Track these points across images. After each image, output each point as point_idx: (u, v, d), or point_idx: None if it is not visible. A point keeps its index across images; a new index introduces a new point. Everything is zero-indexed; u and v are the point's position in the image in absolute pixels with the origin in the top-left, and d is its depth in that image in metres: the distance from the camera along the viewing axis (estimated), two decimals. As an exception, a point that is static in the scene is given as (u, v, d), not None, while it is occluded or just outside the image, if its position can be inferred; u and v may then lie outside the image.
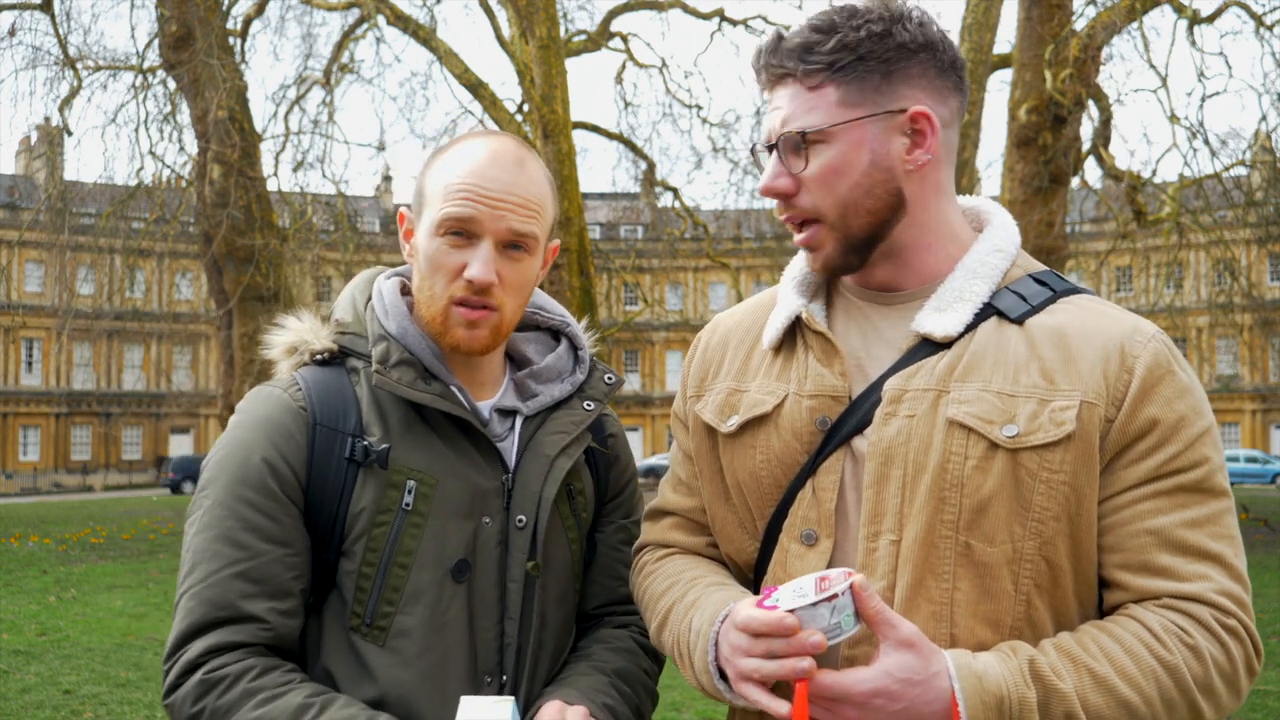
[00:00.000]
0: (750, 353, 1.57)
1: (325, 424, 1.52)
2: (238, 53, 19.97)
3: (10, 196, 43.89)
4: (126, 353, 51.81)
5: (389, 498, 1.50)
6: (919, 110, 1.42)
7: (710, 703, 6.30)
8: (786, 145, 1.43)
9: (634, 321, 43.60)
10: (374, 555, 1.50)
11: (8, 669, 7.48)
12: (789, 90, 1.43)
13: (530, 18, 19.21)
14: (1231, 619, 1.30)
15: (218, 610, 1.44)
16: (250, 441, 1.52)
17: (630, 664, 1.63)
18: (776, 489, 1.47)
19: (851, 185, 1.41)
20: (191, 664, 1.43)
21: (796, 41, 1.43)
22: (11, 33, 19.37)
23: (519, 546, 1.56)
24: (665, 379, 58.01)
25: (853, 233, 1.43)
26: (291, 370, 1.60)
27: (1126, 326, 1.38)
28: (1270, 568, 12.34)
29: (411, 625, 1.49)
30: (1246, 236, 23.19)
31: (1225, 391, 47.73)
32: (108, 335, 34.58)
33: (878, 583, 1.35)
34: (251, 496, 1.48)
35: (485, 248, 1.50)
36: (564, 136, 20.70)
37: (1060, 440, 1.31)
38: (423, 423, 1.54)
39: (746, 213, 36.61)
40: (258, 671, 1.42)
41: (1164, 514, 1.32)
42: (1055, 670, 1.25)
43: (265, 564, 1.46)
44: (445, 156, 1.57)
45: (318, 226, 22.72)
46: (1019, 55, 14.92)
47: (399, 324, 1.58)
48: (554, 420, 1.63)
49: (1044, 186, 14.49)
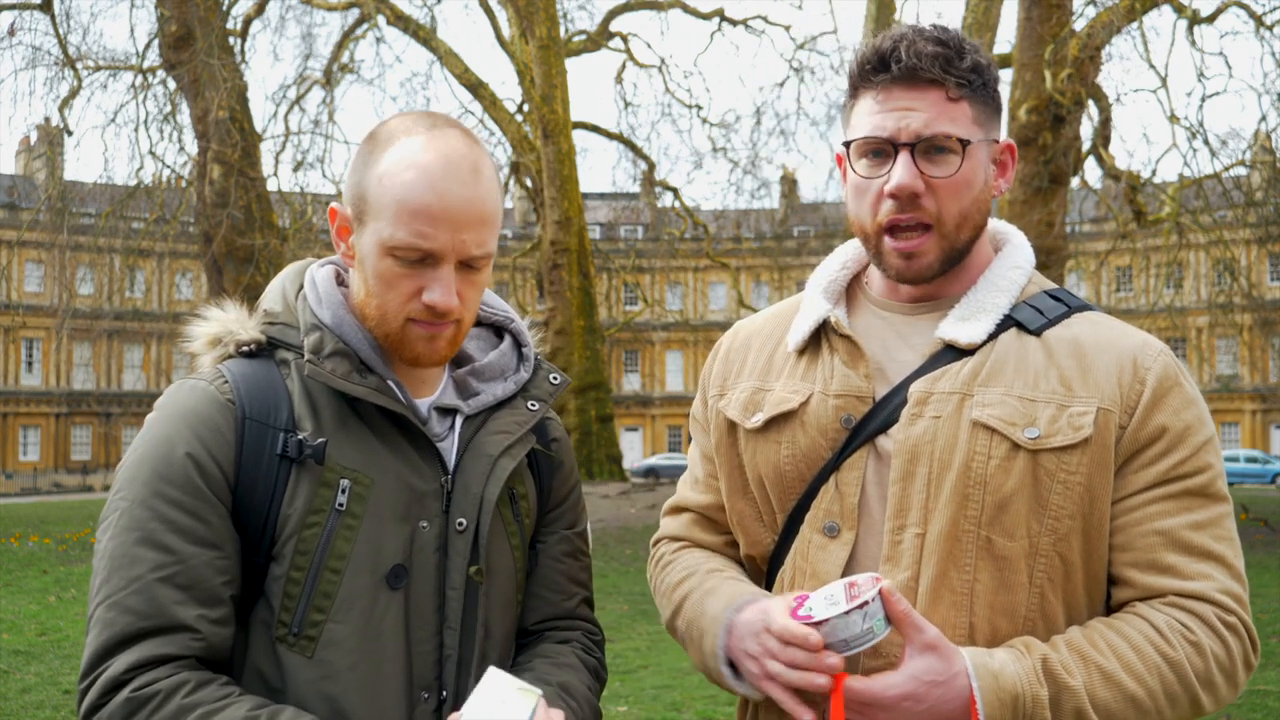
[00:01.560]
0: (773, 355, 1.64)
1: (255, 418, 1.41)
2: (238, 53, 20.00)
3: (10, 196, 43.93)
4: (126, 353, 51.82)
5: (321, 497, 1.40)
6: (1009, 144, 1.56)
7: (710, 703, 6.30)
8: (925, 148, 1.46)
9: (634, 321, 43.63)
10: (304, 559, 1.39)
11: (8, 669, 7.48)
12: (931, 96, 1.46)
13: (530, 18, 19.23)
14: (1232, 616, 1.39)
15: (142, 620, 1.31)
16: (171, 436, 1.39)
17: (574, 679, 1.54)
18: (799, 483, 1.55)
19: (973, 199, 1.50)
20: (116, 680, 1.29)
21: (934, 50, 1.45)
22: (11, 33, 19.40)
23: (459, 551, 1.47)
24: (665, 379, 58.03)
25: (958, 244, 1.51)
26: (215, 363, 1.49)
27: (1138, 341, 1.48)
28: (1270, 568, 12.34)
29: (343, 635, 1.39)
30: (1246, 236, 23.21)
31: (1225, 391, 47.75)
32: (108, 335, 34.63)
33: (902, 573, 1.44)
34: (175, 495, 1.36)
35: (446, 272, 1.41)
36: (564, 136, 20.70)
37: (1078, 444, 1.41)
38: (357, 419, 1.45)
39: (746, 213, 36.67)
40: (192, 686, 1.30)
41: (1171, 516, 1.41)
42: (1066, 667, 1.33)
43: (193, 568, 1.34)
44: (390, 158, 1.42)
45: (318, 226, 22.73)
46: (1019, 55, 14.93)
47: (334, 314, 1.48)
48: (496, 420, 1.55)
49: (1044, 186, 14.51)
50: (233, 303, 1.53)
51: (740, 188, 40.41)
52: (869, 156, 1.49)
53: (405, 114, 1.49)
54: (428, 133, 1.43)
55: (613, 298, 33.78)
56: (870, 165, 1.49)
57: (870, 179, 1.49)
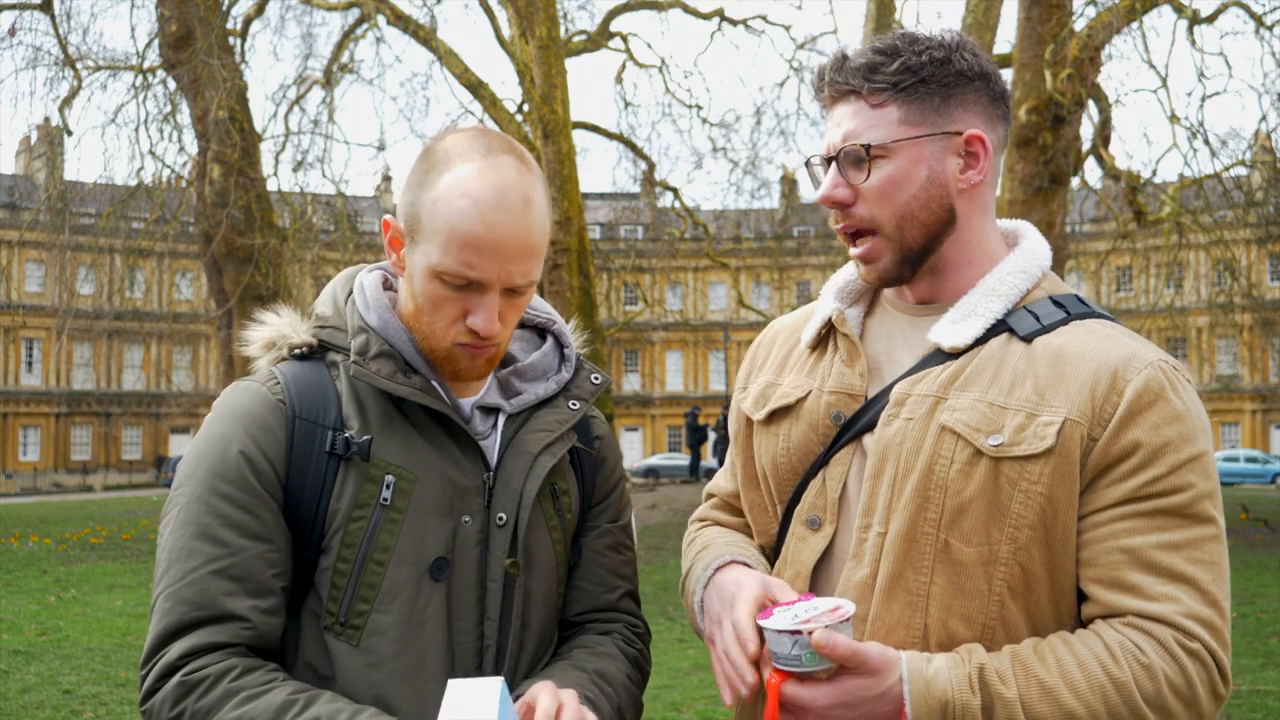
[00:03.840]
0: (790, 351, 1.71)
1: (304, 417, 1.49)
2: (238, 53, 19.98)
3: (10, 196, 43.90)
4: (126, 353, 51.81)
5: (366, 492, 1.46)
6: (974, 134, 1.53)
7: (710, 703, 6.30)
8: (847, 158, 1.52)
9: (634, 321, 43.58)
10: (350, 551, 1.46)
11: (8, 669, 7.48)
12: (852, 107, 1.52)
13: (530, 18, 19.21)
14: (1195, 642, 1.34)
15: (196, 610, 1.39)
16: (226, 435, 1.47)
17: (612, 667, 1.58)
18: (794, 476, 1.60)
19: (909, 198, 1.51)
20: (171, 666, 1.38)
21: (861, 62, 1.51)
22: (12, 33, 19.39)
23: (499, 545, 1.52)
24: (665, 379, 58.04)
25: (908, 244, 1.52)
26: (270, 365, 1.56)
27: (1126, 352, 1.43)
28: (1270, 568, 12.32)
29: (387, 624, 1.45)
30: (1246, 236, 23.21)
31: (1225, 391, 47.75)
32: (108, 335, 34.55)
33: (862, 570, 1.47)
34: (229, 491, 1.43)
35: (491, 299, 1.46)
36: (564, 136, 20.69)
37: (1040, 454, 1.39)
38: (402, 417, 1.51)
39: (746, 213, 36.67)
40: (239, 671, 1.37)
41: (1140, 534, 1.38)
42: (1003, 677, 1.32)
43: (245, 560, 1.42)
44: (445, 185, 1.45)
45: (318, 226, 22.75)
46: (1019, 55, 14.92)
47: (380, 316, 1.54)
48: (537, 418, 1.60)
49: (1044, 186, 14.49)
50: (288, 308, 1.61)
51: (740, 188, 40.43)
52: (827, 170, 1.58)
53: (461, 132, 1.51)
54: (483, 159, 1.46)
55: (613, 298, 33.73)
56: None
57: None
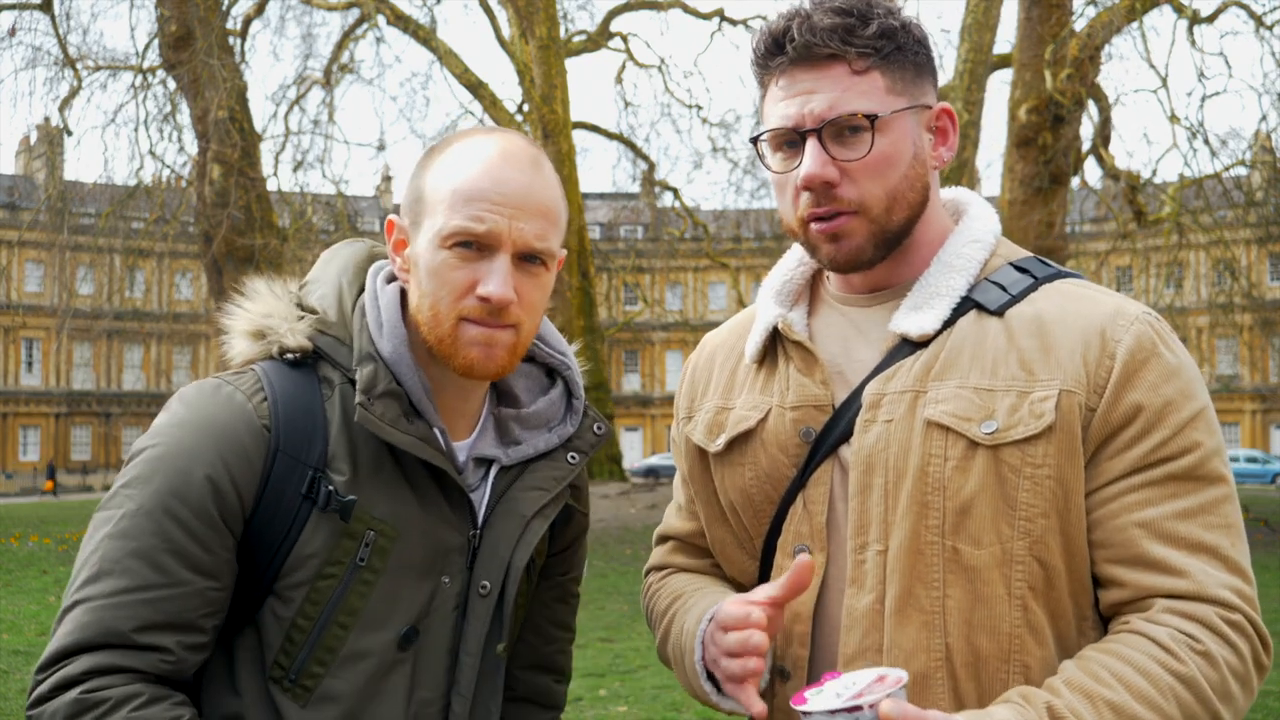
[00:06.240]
0: (735, 369, 1.52)
1: (288, 451, 1.32)
2: (238, 53, 19.99)
3: (10, 196, 43.90)
4: (126, 353, 51.79)
5: (343, 548, 1.32)
6: (945, 107, 1.40)
7: (710, 703, 6.30)
8: (833, 131, 1.33)
9: (634, 321, 43.60)
10: (314, 609, 1.32)
11: (8, 669, 7.47)
12: (834, 73, 1.32)
13: (530, 18, 19.22)
14: (1236, 614, 1.23)
15: (113, 636, 1.25)
16: (195, 451, 1.29)
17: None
18: (769, 505, 1.43)
19: (900, 176, 1.35)
20: (70, 679, 1.23)
21: (834, 22, 1.32)
22: (12, 33, 19.40)
23: (478, 615, 1.40)
24: (665, 379, 57.98)
25: (891, 226, 1.36)
26: (253, 360, 1.39)
27: (1109, 309, 1.31)
28: (1270, 568, 12.32)
29: (341, 691, 1.32)
30: (1246, 236, 23.22)
31: (1225, 391, 47.70)
32: (107, 335, 34.58)
33: (866, 595, 1.31)
34: (185, 516, 1.27)
35: (502, 261, 1.32)
36: (564, 136, 20.68)
37: (1041, 433, 1.26)
38: (394, 463, 1.36)
39: (746, 213, 36.63)
40: (144, 700, 1.23)
41: (1153, 505, 1.26)
42: (1075, 711, 1.17)
43: (183, 595, 1.27)
44: (448, 156, 1.37)
45: (318, 226, 22.72)
46: (1019, 55, 14.93)
47: (394, 347, 1.37)
48: (534, 473, 1.46)
49: (1044, 186, 14.50)
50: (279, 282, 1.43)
51: (740, 188, 40.25)
52: (783, 149, 1.37)
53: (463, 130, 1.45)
54: (489, 134, 1.39)
55: (612, 298, 33.75)
56: (784, 158, 1.37)
57: (785, 174, 1.37)
